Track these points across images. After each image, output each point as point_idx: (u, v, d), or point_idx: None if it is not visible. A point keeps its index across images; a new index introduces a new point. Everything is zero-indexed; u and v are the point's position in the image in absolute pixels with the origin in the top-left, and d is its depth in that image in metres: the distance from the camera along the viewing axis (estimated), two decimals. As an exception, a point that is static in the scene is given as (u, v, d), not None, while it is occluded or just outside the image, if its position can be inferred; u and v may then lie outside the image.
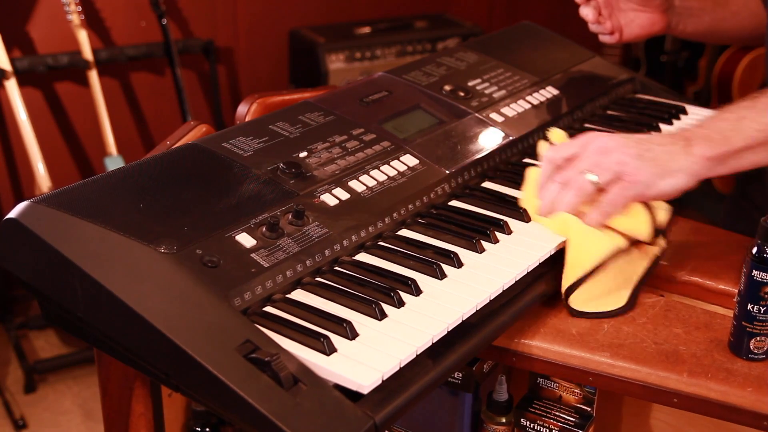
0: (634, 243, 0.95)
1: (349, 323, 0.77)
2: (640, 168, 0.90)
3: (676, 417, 1.03)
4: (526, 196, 1.01)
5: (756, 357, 0.86)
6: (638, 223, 0.93)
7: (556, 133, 1.05)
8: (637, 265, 0.96)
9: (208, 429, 1.05)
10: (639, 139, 0.92)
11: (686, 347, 0.88)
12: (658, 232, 0.95)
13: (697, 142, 0.92)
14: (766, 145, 0.92)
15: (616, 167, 0.90)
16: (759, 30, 1.28)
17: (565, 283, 0.92)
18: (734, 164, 0.93)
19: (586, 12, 1.25)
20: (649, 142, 0.92)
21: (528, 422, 1.01)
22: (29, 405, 2.34)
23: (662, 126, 1.26)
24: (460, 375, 0.99)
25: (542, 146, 1.03)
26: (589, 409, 1.01)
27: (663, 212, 0.96)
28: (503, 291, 0.87)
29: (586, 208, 0.93)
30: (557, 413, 1.01)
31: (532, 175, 1.01)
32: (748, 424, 0.83)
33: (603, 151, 0.91)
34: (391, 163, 1.02)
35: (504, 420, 1.01)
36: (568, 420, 1.00)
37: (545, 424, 1.00)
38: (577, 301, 0.92)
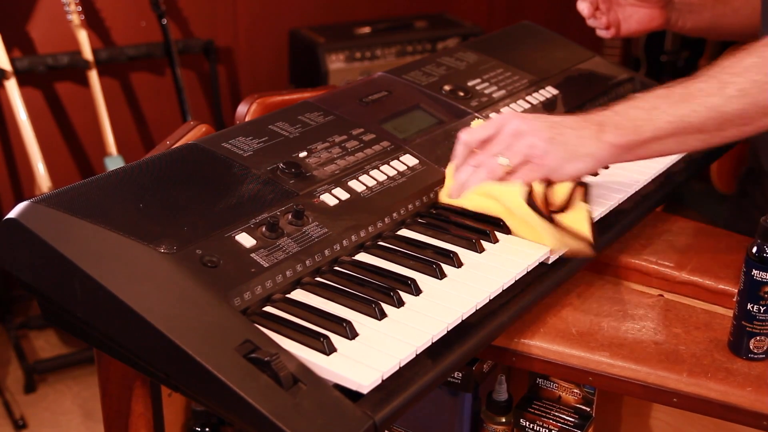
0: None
1: (348, 323, 0.77)
2: (549, 152, 0.92)
3: (675, 417, 1.03)
4: (447, 177, 1.01)
5: (756, 356, 0.86)
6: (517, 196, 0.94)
7: (477, 123, 1.07)
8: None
9: (208, 429, 1.05)
10: (553, 123, 0.94)
11: (686, 347, 0.88)
12: (553, 212, 0.95)
13: (609, 128, 0.93)
14: (675, 136, 0.92)
15: (527, 150, 0.92)
16: (759, 26, 1.28)
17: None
18: (641, 153, 0.94)
19: (583, 6, 1.25)
20: (562, 125, 0.94)
21: (527, 423, 1.01)
22: (29, 405, 2.34)
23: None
24: (460, 375, 0.99)
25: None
26: (588, 409, 1.01)
27: (563, 188, 0.96)
28: (503, 291, 0.87)
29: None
30: (556, 413, 1.01)
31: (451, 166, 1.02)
32: (748, 423, 0.83)
33: (516, 135, 0.93)
34: (391, 163, 1.02)
35: (504, 420, 1.01)
36: (568, 420, 1.00)
37: (544, 425, 1.00)
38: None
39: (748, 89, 0.89)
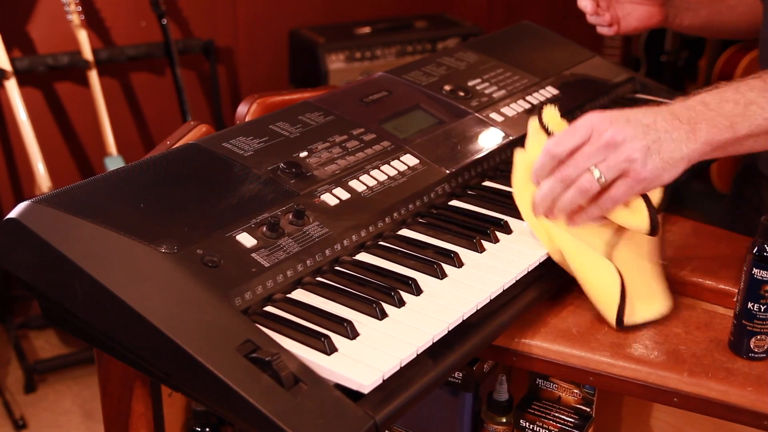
0: (621, 229, 0.92)
1: (349, 323, 0.77)
2: (647, 164, 0.85)
3: (676, 417, 1.03)
4: (517, 186, 0.95)
5: (756, 356, 0.86)
6: (636, 215, 0.90)
7: (550, 114, 0.98)
8: (647, 255, 0.93)
9: (208, 429, 1.05)
10: (646, 127, 0.86)
11: (686, 347, 0.88)
12: (655, 219, 0.90)
13: (703, 126, 0.86)
14: None
15: (625, 164, 0.85)
16: (756, 24, 1.28)
17: (610, 310, 0.88)
18: (732, 150, 0.89)
19: (585, 3, 1.25)
20: (656, 129, 0.86)
21: (527, 423, 1.01)
22: (29, 405, 2.34)
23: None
24: (461, 375, 0.99)
25: (532, 125, 0.98)
26: (588, 409, 1.01)
27: (656, 193, 0.92)
28: (504, 291, 0.87)
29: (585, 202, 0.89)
30: (556, 414, 1.01)
31: (521, 160, 0.95)
32: (748, 423, 0.83)
33: (611, 146, 0.85)
34: (392, 163, 1.02)
35: (504, 420, 1.01)
36: (567, 421, 1.00)
37: (544, 425, 1.00)
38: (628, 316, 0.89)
39: None
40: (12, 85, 2.32)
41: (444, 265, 0.88)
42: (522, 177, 0.95)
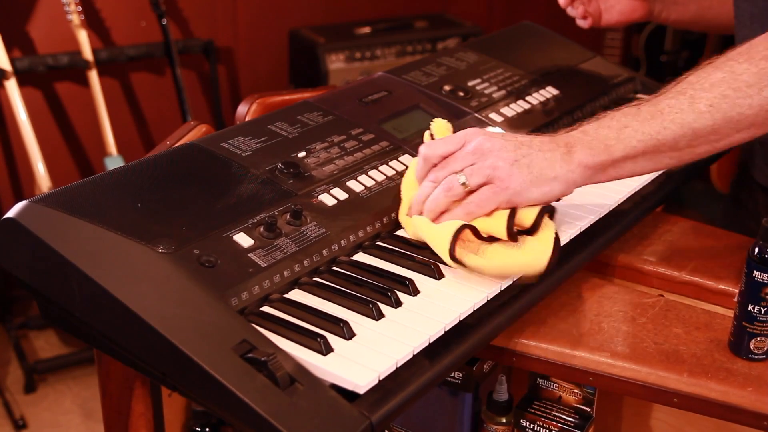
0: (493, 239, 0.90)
1: (346, 323, 0.77)
2: (512, 174, 0.87)
3: (676, 417, 1.03)
4: (404, 189, 0.96)
5: (756, 357, 0.85)
6: (497, 221, 0.89)
7: (439, 125, 1.00)
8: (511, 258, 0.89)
9: (208, 429, 1.05)
10: (519, 143, 0.89)
11: (686, 347, 0.88)
12: (526, 231, 0.90)
13: (579, 149, 0.89)
14: (646, 155, 0.90)
15: (488, 171, 0.87)
16: None
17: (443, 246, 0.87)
18: (613, 173, 0.91)
19: None
20: (529, 146, 0.89)
21: (527, 423, 1.01)
22: (29, 405, 2.34)
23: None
24: (460, 375, 0.98)
25: (426, 138, 1.00)
26: (588, 409, 1.01)
27: (531, 212, 0.90)
28: (501, 291, 0.87)
29: (453, 206, 0.90)
30: (557, 414, 1.00)
31: (412, 167, 0.97)
32: (748, 424, 0.83)
33: (479, 153, 0.88)
34: (390, 163, 1.02)
35: (504, 420, 1.01)
36: (568, 420, 1.00)
37: (545, 425, 1.00)
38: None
39: (718, 104, 0.87)
40: (12, 85, 2.32)
41: (441, 266, 0.88)
42: (408, 183, 0.97)
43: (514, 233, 0.88)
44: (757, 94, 0.86)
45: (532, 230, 0.89)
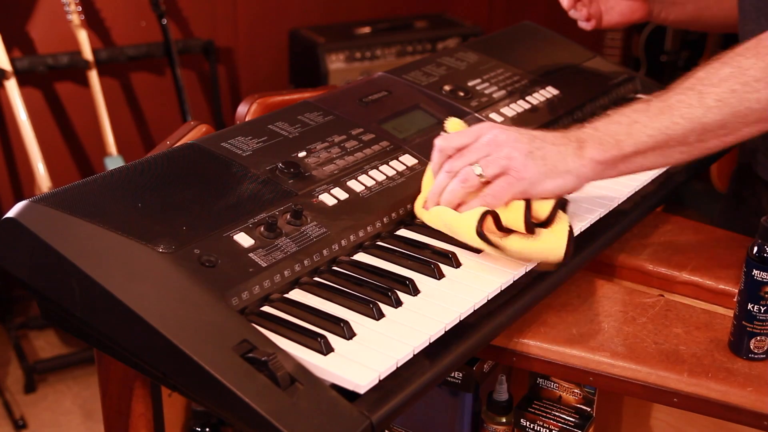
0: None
1: (346, 323, 0.77)
2: (527, 165, 0.89)
3: (676, 417, 1.03)
4: (424, 183, 0.97)
5: (756, 357, 0.85)
6: (514, 214, 0.90)
7: (452, 123, 1.02)
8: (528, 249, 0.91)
9: (208, 429, 1.05)
10: (533, 136, 0.91)
11: (686, 347, 0.88)
12: (541, 224, 0.91)
13: (590, 144, 0.91)
14: (656, 150, 0.91)
15: (504, 161, 0.89)
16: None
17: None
18: (624, 168, 0.92)
19: None
20: (543, 140, 0.91)
21: (528, 422, 1.01)
22: (29, 405, 2.34)
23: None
24: (461, 375, 0.98)
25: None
26: (588, 409, 1.01)
27: (546, 204, 0.91)
28: (501, 291, 0.87)
29: (470, 197, 0.92)
30: (557, 413, 1.00)
31: (429, 169, 0.98)
32: (748, 423, 0.83)
33: (493, 144, 0.90)
34: (390, 163, 1.02)
35: (504, 420, 1.01)
36: (568, 420, 1.00)
37: (545, 425, 1.00)
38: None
39: (727, 99, 0.88)
40: (12, 85, 2.32)
41: (441, 266, 0.88)
42: (427, 177, 0.98)
43: (532, 225, 0.89)
44: (764, 89, 0.87)
45: (547, 223, 0.91)
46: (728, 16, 1.31)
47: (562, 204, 0.92)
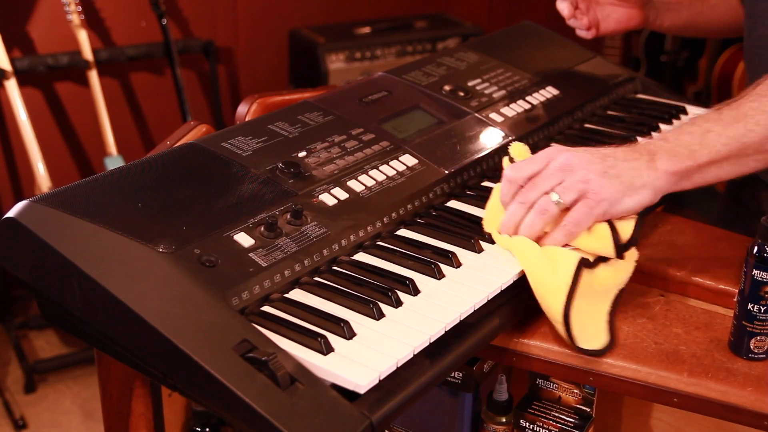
0: (601, 259, 0.90)
1: (346, 323, 0.77)
2: (604, 186, 0.87)
3: (676, 417, 1.03)
4: (488, 215, 0.95)
5: (756, 357, 0.85)
6: (601, 240, 0.89)
7: (517, 148, 0.99)
8: (613, 279, 0.91)
9: (208, 429, 1.05)
10: (603, 155, 0.89)
11: (686, 347, 0.88)
12: (625, 246, 0.90)
13: (662, 156, 0.89)
14: (731, 159, 0.89)
15: (581, 185, 0.87)
16: (737, 23, 1.28)
17: (556, 315, 0.85)
18: (699, 179, 0.91)
19: (563, 7, 1.25)
20: (614, 157, 0.89)
21: (527, 423, 1.01)
22: (29, 405, 2.34)
23: (662, 126, 1.26)
24: (460, 375, 0.98)
25: (505, 163, 0.98)
26: (588, 409, 1.01)
27: (628, 224, 0.90)
28: (501, 291, 0.87)
29: (549, 227, 0.89)
30: (556, 414, 1.00)
31: (496, 192, 0.95)
32: (748, 423, 0.83)
33: (566, 169, 0.88)
34: (390, 163, 1.02)
35: (504, 420, 1.01)
36: (568, 421, 1.00)
37: (545, 425, 1.00)
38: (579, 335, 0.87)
39: None
40: (12, 85, 2.32)
41: (442, 266, 0.88)
42: (494, 208, 0.95)
43: (621, 248, 0.88)
44: None
45: (631, 243, 0.89)
46: (723, 21, 1.32)
47: (641, 220, 0.90)
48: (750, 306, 0.84)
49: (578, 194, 0.87)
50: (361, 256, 0.90)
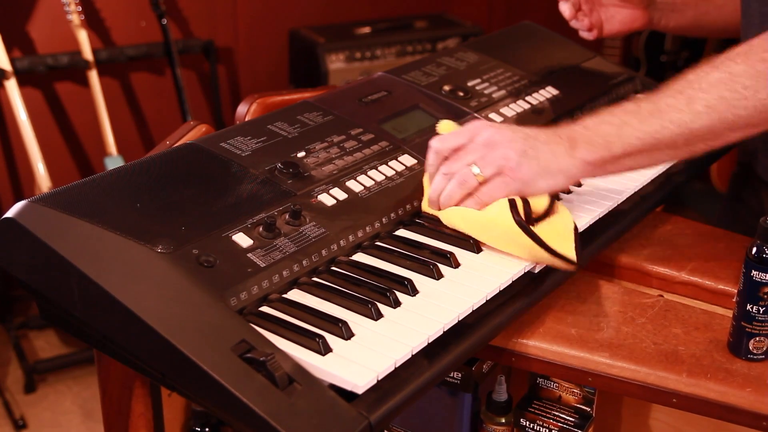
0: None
1: (344, 323, 0.77)
2: (522, 165, 0.90)
3: (675, 417, 1.03)
4: (426, 183, 0.98)
5: (755, 357, 0.85)
6: (503, 210, 0.91)
7: (445, 124, 1.03)
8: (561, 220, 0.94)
9: (208, 429, 1.05)
10: (526, 135, 0.92)
11: (685, 347, 0.88)
12: (536, 218, 0.92)
13: (581, 144, 0.92)
14: (644, 152, 0.92)
15: (500, 162, 0.90)
16: (742, 23, 1.28)
17: (535, 252, 0.89)
18: (612, 169, 0.94)
19: (565, 8, 1.26)
20: (536, 138, 0.92)
21: (527, 422, 1.01)
22: (29, 405, 2.34)
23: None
24: (460, 375, 0.98)
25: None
26: (588, 409, 1.01)
27: (542, 199, 0.93)
28: (499, 292, 0.87)
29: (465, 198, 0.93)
30: (557, 413, 1.00)
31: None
32: (748, 424, 0.83)
33: (489, 144, 0.91)
34: (389, 163, 1.02)
35: (503, 420, 1.01)
36: (568, 420, 1.00)
37: (545, 425, 1.00)
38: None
39: (716, 105, 0.89)
40: (12, 85, 2.32)
41: (440, 266, 0.88)
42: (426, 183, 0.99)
43: (523, 222, 0.90)
44: (753, 96, 0.88)
45: (545, 215, 0.93)
46: (728, 21, 1.31)
47: (555, 197, 0.94)
48: (749, 307, 0.84)
49: (497, 170, 0.91)
50: (360, 257, 0.90)
